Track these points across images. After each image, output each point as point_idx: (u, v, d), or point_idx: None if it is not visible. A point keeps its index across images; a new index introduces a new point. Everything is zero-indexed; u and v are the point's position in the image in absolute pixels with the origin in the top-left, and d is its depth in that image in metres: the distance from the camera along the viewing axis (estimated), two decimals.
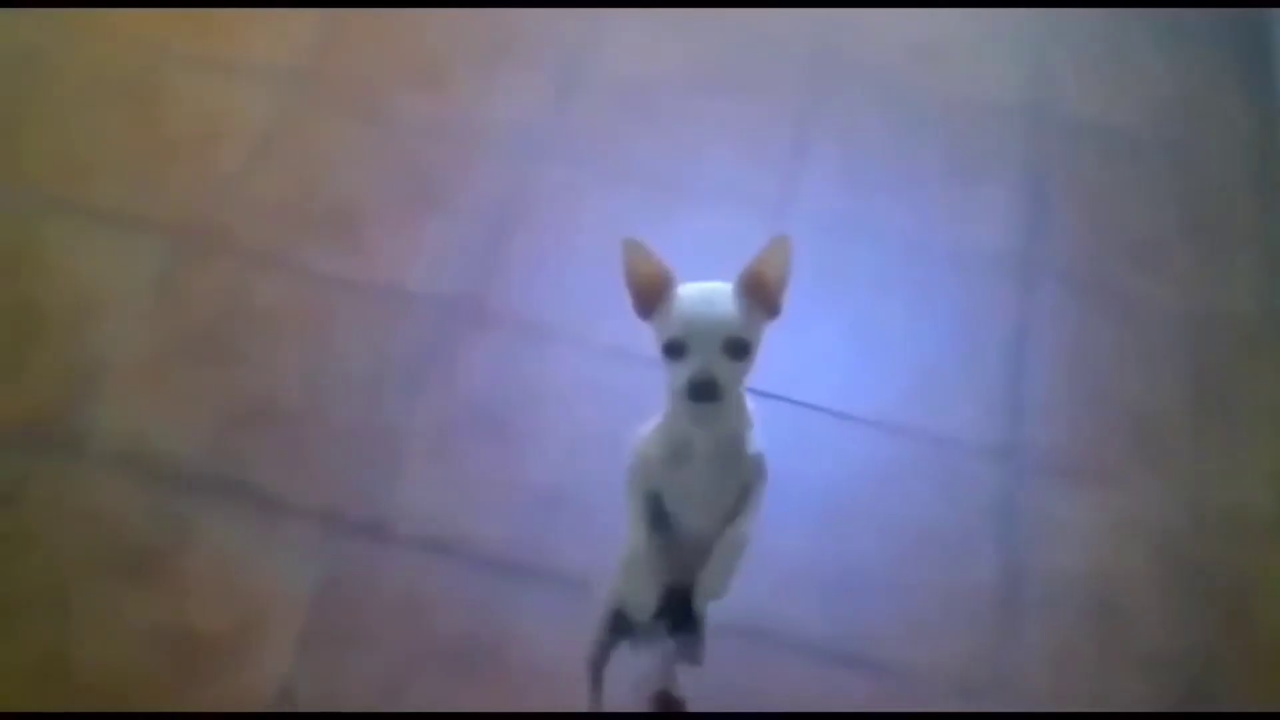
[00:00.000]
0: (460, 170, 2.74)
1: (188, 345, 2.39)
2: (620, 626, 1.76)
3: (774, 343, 2.51)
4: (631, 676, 1.99)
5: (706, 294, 1.40)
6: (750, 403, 1.51)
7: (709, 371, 1.37)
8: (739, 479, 1.51)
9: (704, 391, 1.37)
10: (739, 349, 1.38)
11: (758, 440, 1.51)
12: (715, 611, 2.12)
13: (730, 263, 1.38)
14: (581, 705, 1.95)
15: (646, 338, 2.46)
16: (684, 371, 1.38)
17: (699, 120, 2.90)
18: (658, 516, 1.54)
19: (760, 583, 2.19)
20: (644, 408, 1.63)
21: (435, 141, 2.78)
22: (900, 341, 2.59)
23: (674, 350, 1.39)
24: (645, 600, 1.56)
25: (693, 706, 2.04)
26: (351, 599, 2.11)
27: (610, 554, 1.85)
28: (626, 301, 1.45)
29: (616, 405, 2.36)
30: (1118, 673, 2.16)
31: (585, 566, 2.14)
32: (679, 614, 1.67)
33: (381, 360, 2.41)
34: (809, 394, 2.47)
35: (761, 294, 1.41)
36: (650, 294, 1.42)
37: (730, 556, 1.50)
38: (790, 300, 1.48)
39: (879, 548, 2.28)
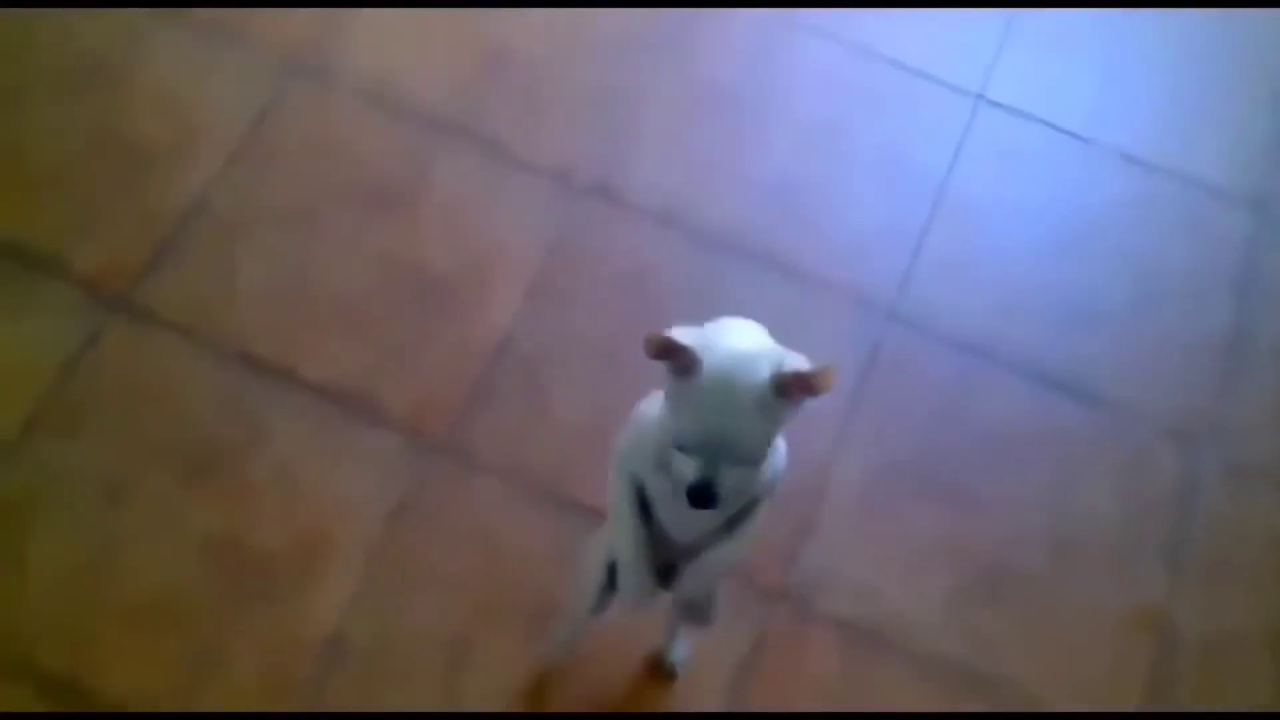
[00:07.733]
0: None
1: None
2: (614, 578, 1.56)
3: (1030, 60, 2.42)
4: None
5: (727, 400, 1.20)
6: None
7: (712, 482, 1.23)
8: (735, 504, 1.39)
9: (703, 500, 1.23)
10: (750, 461, 1.23)
11: (777, 457, 1.36)
12: (936, 324, 2.12)
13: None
14: None
15: (897, 39, 2.38)
16: (686, 471, 1.25)
17: None
18: (643, 504, 1.41)
19: (988, 301, 2.16)
20: (878, 107, 1.47)
21: None
22: (1160, 74, 2.45)
23: (681, 446, 1.24)
24: (638, 590, 1.43)
25: (904, 429, 2.05)
26: (577, 259, 2.13)
27: (828, 246, 1.75)
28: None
29: (856, 103, 2.31)
30: None
31: (807, 256, 2.14)
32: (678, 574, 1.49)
33: (621, 26, 2.36)
34: (1059, 116, 2.36)
35: (799, 395, 1.21)
36: (679, 370, 1.22)
37: (711, 573, 1.41)
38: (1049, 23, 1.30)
39: (1111, 281, 2.21)
